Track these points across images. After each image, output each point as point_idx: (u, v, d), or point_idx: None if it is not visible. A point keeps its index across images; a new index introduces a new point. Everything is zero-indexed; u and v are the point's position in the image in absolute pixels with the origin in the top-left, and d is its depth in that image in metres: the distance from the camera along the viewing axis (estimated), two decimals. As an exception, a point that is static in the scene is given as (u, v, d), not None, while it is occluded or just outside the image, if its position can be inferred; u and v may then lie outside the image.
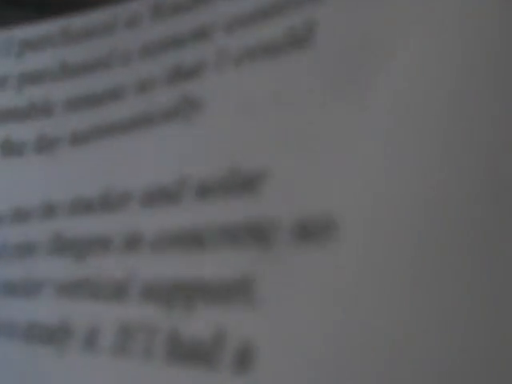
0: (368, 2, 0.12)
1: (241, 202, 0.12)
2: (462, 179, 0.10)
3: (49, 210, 0.13)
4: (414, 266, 0.10)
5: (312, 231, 0.11)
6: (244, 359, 0.10)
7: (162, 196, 0.12)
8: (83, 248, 0.13)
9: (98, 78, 0.14)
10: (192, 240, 0.12)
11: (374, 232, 0.10)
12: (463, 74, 0.11)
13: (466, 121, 0.10)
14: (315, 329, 0.10)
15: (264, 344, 0.10)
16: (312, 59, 0.12)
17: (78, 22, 0.15)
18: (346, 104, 0.11)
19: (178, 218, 0.12)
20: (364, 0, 0.12)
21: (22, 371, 0.12)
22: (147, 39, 0.14)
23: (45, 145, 0.14)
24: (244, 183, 0.12)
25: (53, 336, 0.12)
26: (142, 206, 0.13)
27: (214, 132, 0.12)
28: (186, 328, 0.11)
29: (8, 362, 0.12)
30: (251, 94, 0.12)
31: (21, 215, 0.14)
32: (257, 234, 0.11)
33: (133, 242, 0.12)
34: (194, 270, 0.11)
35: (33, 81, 0.15)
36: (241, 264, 0.11)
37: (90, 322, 0.12)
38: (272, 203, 0.11)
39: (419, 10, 0.11)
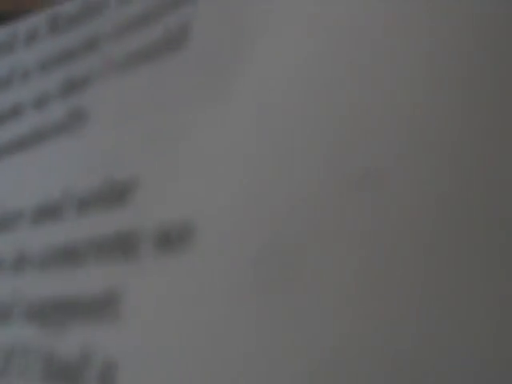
0: (237, 1, 0.12)
1: (113, 215, 0.11)
2: (321, 173, 0.09)
3: None
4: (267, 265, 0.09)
5: (172, 239, 0.10)
6: (107, 377, 0.10)
7: (47, 213, 0.12)
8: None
9: (0, 98, 0.14)
10: (70, 256, 0.11)
11: (229, 235, 0.10)
12: (321, 60, 0.10)
13: (327, 110, 0.10)
14: (172, 340, 0.10)
15: (125, 360, 0.10)
16: (186, 60, 0.12)
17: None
18: (214, 103, 0.11)
19: (60, 235, 0.12)
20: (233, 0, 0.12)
21: None
22: (44, 54, 0.14)
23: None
24: (116, 194, 0.11)
25: None
26: (31, 224, 0.12)
27: (95, 143, 0.12)
28: (59, 347, 0.11)
29: None
30: (130, 101, 0.12)
31: None
32: (124, 247, 0.11)
33: (20, 262, 0.12)
34: (69, 287, 0.11)
35: None
36: (109, 278, 0.11)
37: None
38: (138, 213, 0.11)
39: (279, 3, 0.11)
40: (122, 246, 0.11)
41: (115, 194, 0.11)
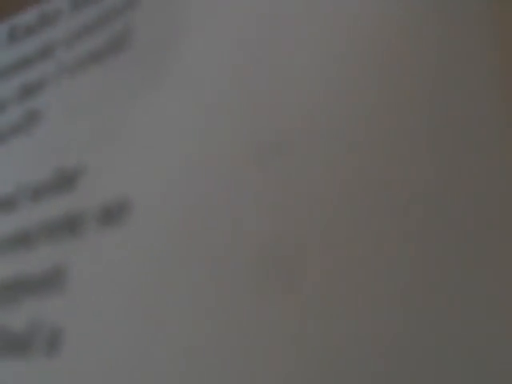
0: (173, 3, 0.13)
1: (63, 200, 0.12)
2: (233, 149, 0.10)
3: None
4: (200, 240, 0.10)
5: (112, 214, 0.11)
6: (54, 344, 0.11)
7: (3, 205, 0.13)
8: None
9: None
10: (22, 240, 0.12)
11: (163, 210, 0.11)
12: (238, 53, 0.11)
13: (252, 100, 0.11)
14: (111, 304, 0.10)
15: (71, 327, 0.11)
16: (128, 60, 0.13)
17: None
18: (150, 94, 0.12)
19: (13, 224, 0.13)
20: (170, 2, 0.13)
21: None
22: (3, 63, 0.15)
23: None
24: (65, 181, 0.12)
25: None
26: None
27: (47, 139, 0.13)
28: (11, 321, 0.11)
29: None
30: (80, 99, 0.13)
31: None
32: (71, 226, 0.12)
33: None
34: (21, 267, 0.12)
35: None
36: (56, 256, 0.12)
37: None
38: (85, 195, 0.12)
39: (212, 2, 0.12)
40: (69, 226, 0.12)
41: (64, 181, 0.12)
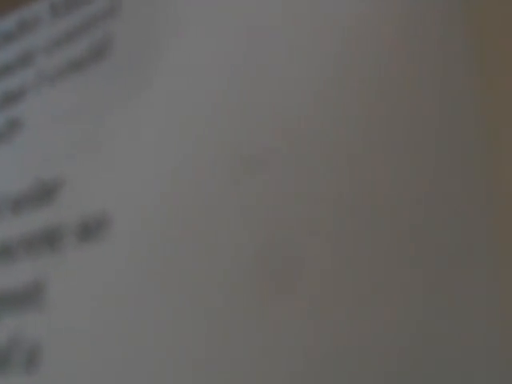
0: (154, 12, 0.13)
1: (41, 212, 0.12)
2: (214, 161, 0.10)
3: None
4: (179, 255, 0.10)
5: (91, 229, 0.11)
6: (32, 361, 0.11)
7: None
8: None
9: None
10: (3, 254, 0.12)
11: (142, 225, 0.11)
12: (218, 66, 0.11)
13: (231, 114, 0.11)
14: (89, 322, 0.10)
15: (50, 344, 0.11)
16: (108, 68, 0.13)
17: None
18: (130, 106, 0.12)
19: (-6, 234, 0.13)
20: (151, 11, 0.13)
21: None
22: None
23: None
24: (45, 194, 0.12)
25: None
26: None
27: (27, 149, 0.13)
28: (-10, 337, 0.11)
29: None
30: (60, 108, 0.13)
31: None
32: (50, 240, 0.12)
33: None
34: (1, 281, 0.12)
35: None
36: (35, 271, 0.11)
37: None
38: (63, 209, 0.12)
39: (193, 13, 0.12)
40: (48, 240, 0.12)
41: (44, 194, 0.12)
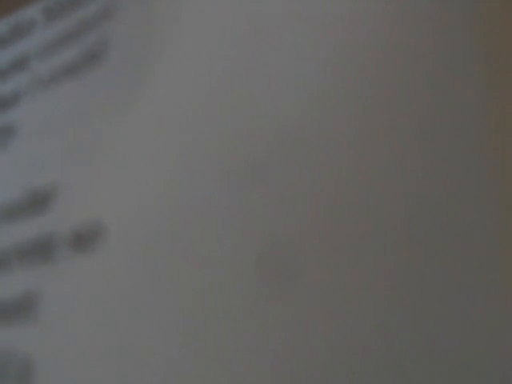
0: (150, 15, 0.12)
1: (34, 221, 0.12)
2: (210, 171, 0.10)
3: None
4: (175, 266, 0.10)
5: (84, 240, 0.11)
6: (25, 376, 0.10)
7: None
8: None
9: None
10: (-5, 263, 0.12)
11: (137, 235, 0.10)
12: (215, 74, 0.11)
13: (228, 124, 0.10)
14: (83, 336, 0.10)
15: (42, 358, 0.10)
16: (104, 73, 0.12)
17: None
18: (125, 113, 0.12)
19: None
20: (147, 14, 0.12)
21: None
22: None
23: None
24: (37, 202, 0.12)
25: None
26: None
27: (20, 156, 0.13)
28: (-18, 351, 0.11)
29: None
30: (54, 114, 0.13)
31: None
32: (42, 250, 0.11)
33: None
34: (-7, 292, 0.12)
35: None
36: (28, 282, 0.11)
37: None
38: (56, 218, 0.11)
39: (189, 16, 0.12)
40: (41, 250, 0.11)
41: (36, 202, 0.12)
